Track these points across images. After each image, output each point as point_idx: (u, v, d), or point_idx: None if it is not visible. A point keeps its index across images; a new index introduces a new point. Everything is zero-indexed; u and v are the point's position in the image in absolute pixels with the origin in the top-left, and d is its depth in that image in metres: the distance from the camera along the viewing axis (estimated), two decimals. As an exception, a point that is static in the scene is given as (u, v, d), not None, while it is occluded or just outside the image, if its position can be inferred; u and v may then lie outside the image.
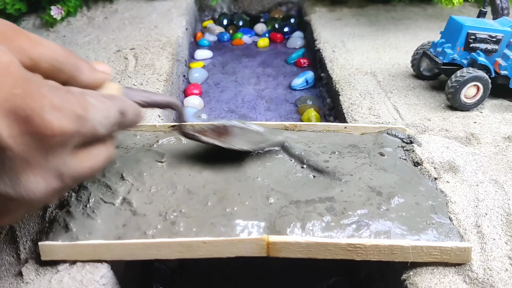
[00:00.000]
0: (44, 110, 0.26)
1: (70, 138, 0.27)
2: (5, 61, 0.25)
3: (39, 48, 0.29)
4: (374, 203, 0.41)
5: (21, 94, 0.25)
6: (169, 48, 0.85)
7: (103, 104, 0.30)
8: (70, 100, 0.28)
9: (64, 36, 1.00)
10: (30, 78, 0.26)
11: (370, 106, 0.64)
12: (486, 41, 0.61)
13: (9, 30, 0.28)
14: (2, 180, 0.26)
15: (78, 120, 0.28)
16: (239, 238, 0.37)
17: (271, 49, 1.12)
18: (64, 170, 0.28)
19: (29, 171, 0.26)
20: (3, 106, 0.24)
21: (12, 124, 0.25)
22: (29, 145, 0.26)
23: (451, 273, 0.37)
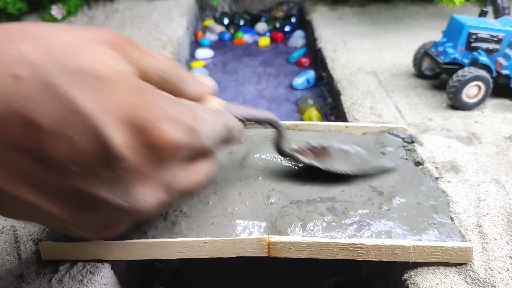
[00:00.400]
0: (161, 121, 0.25)
1: (182, 150, 0.27)
2: (121, 70, 0.25)
3: (148, 59, 0.28)
4: (375, 203, 0.41)
5: (137, 103, 0.25)
6: (170, 48, 0.85)
7: (212, 117, 0.30)
8: (183, 111, 0.27)
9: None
10: (146, 88, 0.26)
11: (371, 106, 0.64)
12: (487, 41, 0.61)
13: (121, 40, 0.27)
14: (114, 191, 0.25)
15: (190, 132, 0.27)
16: (239, 238, 0.37)
17: (272, 49, 1.12)
18: (172, 183, 0.28)
19: (142, 182, 0.26)
20: (120, 115, 0.24)
21: (128, 134, 0.24)
22: (143, 156, 0.25)
23: (452, 273, 0.37)
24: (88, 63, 0.24)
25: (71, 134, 0.23)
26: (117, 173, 0.25)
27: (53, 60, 0.23)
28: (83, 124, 0.23)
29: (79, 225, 0.27)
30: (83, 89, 0.23)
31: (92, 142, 0.24)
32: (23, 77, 0.23)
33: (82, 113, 0.23)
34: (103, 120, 0.23)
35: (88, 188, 0.25)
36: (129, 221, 0.29)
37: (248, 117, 0.36)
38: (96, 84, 0.24)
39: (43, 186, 0.25)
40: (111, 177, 0.25)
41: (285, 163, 0.47)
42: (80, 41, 0.25)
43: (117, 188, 0.25)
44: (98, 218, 0.27)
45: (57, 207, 0.26)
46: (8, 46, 0.23)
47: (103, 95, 0.24)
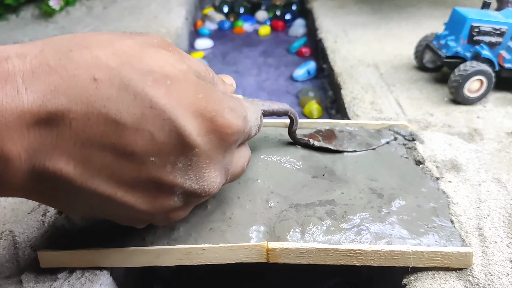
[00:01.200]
0: (225, 112, 0.29)
1: (240, 135, 0.31)
2: (184, 69, 0.28)
3: (187, 61, 0.30)
4: (375, 206, 0.41)
5: (204, 98, 0.28)
6: (168, 40, 0.84)
7: (253, 107, 0.34)
8: (237, 102, 0.31)
9: (63, 27, 0.99)
10: (205, 83, 0.29)
11: (372, 101, 0.63)
12: (490, 34, 0.60)
13: (167, 44, 0.30)
14: (188, 176, 0.29)
15: (244, 120, 0.31)
16: (238, 245, 0.36)
17: (273, 38, 1.11)
18: (229, 167, 0.32)
19: (211, 167, 0.29)
20: (190, 107, 0.27)
21: (200, 125, 0.27)
22: (213, 143, 0.28)
23: (452, 278, 0.37)
24: (156, 64, 0.27)
25: (150, 128, 0.26)
26: (191, 159, 0.28)
27: (126, 63, 0.26)
28: (160, 118, 0.26)
29: (154, 213, 0.30)
30: (156, 87, 0.26)
31: (169, 134, 0.26)
32: (102, 79, 0.25)
33: (158, 108, 0.26)
34: (177, 113, 0.26)
35: (165, 176, 0.28)
36: (199, 202, 0.32)
37: (268, 109, 0.39)
38: (166, 82, 0.27)
39: (123, 178, 0.27)
40: (185, 164, 0.28)
41: (284, 164, 0.46)
42: (142, 45, 0.28)
43: (190, 173, 0.29)
44: (172, 202, 0.30)
45: (135, 197, 0.28)
46: (82, 53, 0.26)
47: (174, 91, 0.27)
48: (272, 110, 0.40)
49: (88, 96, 0.25)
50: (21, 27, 1.01)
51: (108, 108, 0.25)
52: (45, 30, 0.97)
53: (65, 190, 0.27)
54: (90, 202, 0.28)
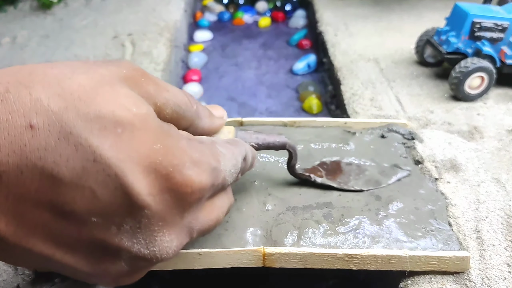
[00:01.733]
0: (185, 167, 0.25)
1: (206, 192, 0.27)
2: (143, 113, 0.24)
3: (164, 93, 0.27)
4: (372, 208, 0.41)
5: (161, 150, 0.24)
6: (167, 34, 0.83)
7: (231, 152, 0.30)
8: (205, 152, 0.27)
9: (61, 19, 0.98)
10: (167, 131, 0.25)
11: (372, 97, 0.62)
12: (491, 30, 0.59)
13: (137, 75, 0.27)
14: (137, 240, 0.25)
15: (213, 172, 0.27)
16: (234, 250, 0.36)
17: (273, 29, 1.09)
18: (194, 225, 0.28)
19: (165, 230, 0.25)
20: (142, 162, 0.23)
21: (152, 182, 0.24)
22: (167, 203, 0.25)
23: (449, 281, 0.37)
24: (108, 108, 0.23)
25: (92, 185, 0.22)
26: (140, 221, 0.24)
27: (70, 107, 0.22)
28: (104, 174, 0.22)
29: (97, 275, 0.26)
30: (103, 137, 0.22)
31: (115, 192, 0.23)
32: (40, 126, 0.22)
33: (103, 162, 0.22)
34: (125, 168, 0.23)
35: (110, 238, 0.24)
36: (150, 267, 0.28)
37: (262, 143, 0.36)
38: (116, 131, 0.23)
39: (61, 238, 0.24)
40: (133, 226, 0.24)
41: (281, 165, 0.46)
42: (97, 83, 0.24)
43: (139, 236, 0.25)
44: (119, 267, 0.26)
45: (75, 258, 0.25)
46: (21, 94, 0.22)
47: (124, 142, 0.23)
48: (267, 143, 0.37)
49: (22, 146, 0.21)
50: (19, 19, 1.00)
51: (44, 161, 0.22)
52: (43, 22, 0.97)
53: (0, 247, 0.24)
54: (30, 259, 0.25)
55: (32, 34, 0.90)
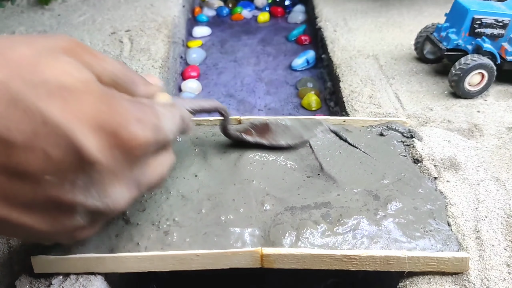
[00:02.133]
0: (130, 123, 0.27)
1: (150, 147, 0.29)
2: (85, 77, 0.26)
3: (102, 63, 0.29)
4: (371, 208, 0.40)
5: (105, 109, 0.26)
6: (165, 30, 0.82)
7: (170, 112, 0.32)
8: (146, 111, 0.29)
9: (59, 15, 0.97)
10: (110, 93, 0.27)
11: (371, 94, 0.62)
12: (492, 26, 0.58)
13: (76, 46, 0.28)
14: (90, 194, 0.26)
15: (155, 129, 0.29)
16: (232, 251, 0.36)
17: (272, 25, 1.09)
18: (141, 179, 0.29)
19: (116, 182, 0.27)
20: (90, 121, 0.25)
21: (101, 139, 0.25)
22: (116, 158, 0.26)
23: (448, 282, 0.36)
24: (51, 74, 0.24)
25: (44, 146, 0.24)
26: (92, 176, 0.26)
27: (17, 75, 0.24)
28: (54, 135, 0.24)
29: (55, 233, 0.28)
30: (51, 101, 0.24)
31: (66, 151, 0.24)
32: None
33: (52, 124, 0.24)
34: (74, 128, 0.24)
35: (64, 195, 0.26)
36: (105, 220, 0.30)
37: (196, 108, 0.39)
38: (62, 94, 0.24)
39: (16, 199, 0.25)
40: (86, 181, 0.26)
41: (279, 164, 0.46)
42: (40, 53, 0.25)
43: (92, 190, 0.26)
44: (75, 222, 0.28)
45: (32, 218, 0.26)
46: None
47: (70, 104, 0.24)
48: (201, 107, 0.39)
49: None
50: (16, 14, 0.99)
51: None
52: (41, 18, 0.96)
53: None
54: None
55: (30, 30, 0.90)
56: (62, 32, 0.87)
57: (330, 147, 0.48)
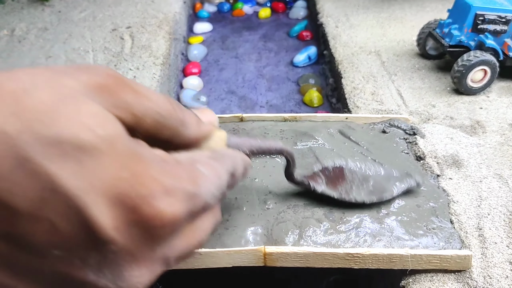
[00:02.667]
0: (155, 197, 0.22)
1: (182, 222, 0.24)
2: (110, 135, 0.21)
3: (144, 101, 0.25)
4: (373, 206, 0.40)
5: (129, 178, 0.21)
6: (166, 27, 0.82)
7: (215, 172, 0.27)
8: (181, 176, 0.24)
9: (59, 12, 0.97)
10: (138, 155, 0.23)
11: (373, 91, 0.62)
12: (495, 22, 0.58)
13: (112, 82, 0.24)
14: (103, 274, 0.23)
15: (191, 199, 0.24)
16: (235, 249, 0.36)
17: (273, 20, 1.08)
18: (170, 254, 0.25)
19: (134, 264, 0.23)
20: (106, 192, 0.21)
21: (117, 214, 0.21)
22: (135, 237, 0.22)
23: (450, 280, 0.36)
24: (68, 130, 0.20)
25: (52, 217, 0.20)
26: (105, 256, 0.22)
27: (28, 129, 0.20)
28: (64, 205, 0.20)
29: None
30: (63, 163, 0.20)
31: (76, 225, 0.21)
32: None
33: (62, 192, 0.20)
34: (87, 199, 0.21)
35: (74, 272, 0.22)
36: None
37: (256, 150, 0.34)
38: (78, 156, 0.20)
39: (22, 270, 0.22)
40: (98, 260, 0.22)
41: (282, 163, 0.46)
42: (63, 98, 0.21)
43: (106, 271, 0.23)
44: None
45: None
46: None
47: (86, 169, 0.21)
48: (262, 150, 0.34)
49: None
50: (17, 11, 0.99)
51: (0, 190, 0.20)
52: (42, 15, 0.96)
53: None
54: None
55: (30, 26, 0.89)
56: (62, 28, 0.87)
57: None
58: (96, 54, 0.75)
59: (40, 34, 0.86)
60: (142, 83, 0.65)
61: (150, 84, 0.65)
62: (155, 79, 0.66)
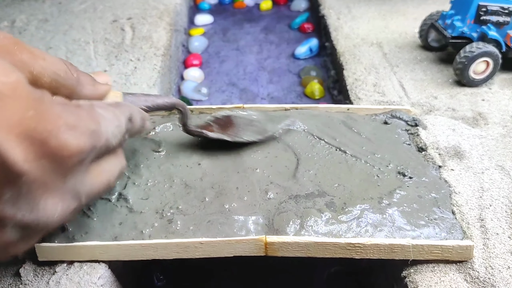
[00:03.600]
0: (60, 131, 0.25)
1: (86, 154, 0.26)
2: (12, 81, 0.24)
3: (40, 61, 0.27)
4: (375, 196, 0.40)
5: (34, 116, 0.24)
6: (167, 18, 0.82)
7: (113, 114, 0.29)
8: (82, 115, 0.27)
9: (59, 3, 0.96)
10: (41, 97, 0.25)
11: (375, 82, 0.61)
12: (497, 13, 0.58)
13: (10, 43, 0.26)
14: (19, 207, 0.25)
15: (93, 135, 0.27)
16: (236, 239, 0.36)
17: (274, 12, 1.08)
18: (81, 189, 0.28)
19: (47, 194, 0.25)
20: (17, 130, 0.23)
21: (28, 149, 0.23)
22: (46, 169, 0.24)
23: (452, 271, 0.36)
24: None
25: None
26: (20, 188, 0.24)
27: None
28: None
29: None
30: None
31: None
32: None
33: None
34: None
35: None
36: (40, 234, 0.28)
37: (151, 105, 0.37)
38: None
39: None
40: (14, 193, 0.24)
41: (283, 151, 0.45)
42: None
43: (22, 203, 0.25)
44: (6, 237, 0.26)
45: None
46: None
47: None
48: (157, 104, 0.37)
49: None
50: (17, 3, 0.98)
51: None
52: (42, 6, 0.95)
53: None
54: None
55: (30, 18, 0.89)
56: (62, 20, 0.86)
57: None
58: (96, 45, 0.74)
59: (40, 25, 0.85)
60: (143, 74, 0.65)
61: (151, 75, 0.65)
62: (156, 70, 0.66)
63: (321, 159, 0.44)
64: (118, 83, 0.63)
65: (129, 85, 0.62)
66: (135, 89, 0.61)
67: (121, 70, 0.66)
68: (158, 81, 0.64)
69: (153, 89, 0.61)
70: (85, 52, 0.72)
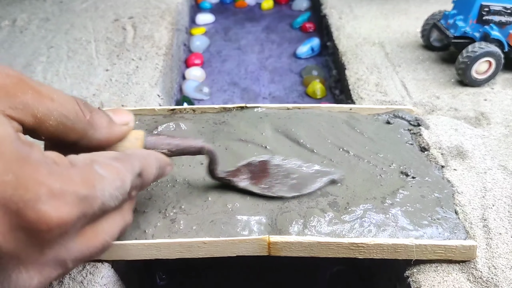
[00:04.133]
0: (40, 201, 0.21)
1: (73, 225, 0.23)
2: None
3: (47, 103, 0.25)
4: (378, 196, 0.40)
5: (12, 181, 0.21)
6: (168, 17, 0.82)
7: (115, 173, 0.26)
8: (72, 179, 0.23)
9: (61, 2, 0.96)
10: (26, 157, 0.22)
11: (377, 82, 0.61)
12: (500, 13, 0.58)
13: (12, 83, 0.24)
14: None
15: (83, 201, 0.23)
16: (239, 239, 0.36)
17: (276, 12, 1.08)
18: (66, 257, 0.25)
19: (21, 267, 0.23)
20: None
21: (1, 219, 0.21)
22: (20, 242, 0.22)
23: (455, 270, 0.36)
24: None
25: None
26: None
27: None
28: None
29: None
30: None
31: None
32: None
33: None
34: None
35: None
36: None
37: (175, 149, 0.33)
38: None
39: None
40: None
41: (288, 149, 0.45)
42: None
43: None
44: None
45: None
46: None
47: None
48: (181, 149, 0.34)
49: None
50: (18, 1, 0.98)
51: None
52: (43, 5, 0.95)
53: None
54: None
55: (32, 17, 0.89)
56: (64, 19, 0.86)
57: None
58: (98, 44, 0.74)
59: (41, 24, 0.85)
60: (144, 73, 0.65)
61: (153, 75, 0.65)
62: (158, 70, 0.66)
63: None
64: (119, 82, 0.63)
65: (131, 84, 0.62)
66: (136, 89, 0.61)
67: (122, 70, 0.66)
68: (160, 81, 0.64)
69: (155, 88, 0.61)
70: (86, 51, 0.72)
